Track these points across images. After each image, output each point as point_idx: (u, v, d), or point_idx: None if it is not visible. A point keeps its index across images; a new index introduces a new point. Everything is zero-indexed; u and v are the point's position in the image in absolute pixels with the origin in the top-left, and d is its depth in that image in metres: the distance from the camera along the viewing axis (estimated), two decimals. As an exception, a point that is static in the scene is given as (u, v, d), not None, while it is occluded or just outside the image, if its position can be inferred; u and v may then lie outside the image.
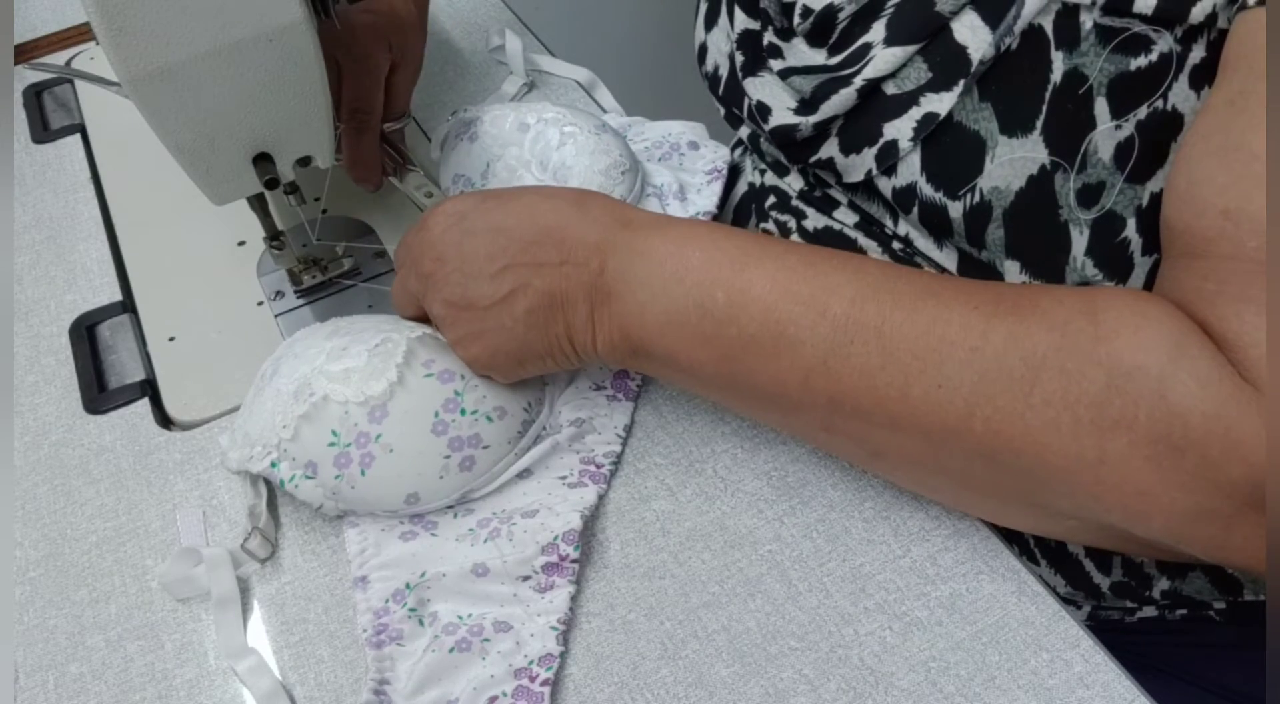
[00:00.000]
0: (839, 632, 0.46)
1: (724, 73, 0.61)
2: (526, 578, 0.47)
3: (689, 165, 0.63)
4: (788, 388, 0.43)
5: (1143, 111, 0.44)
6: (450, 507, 0.50)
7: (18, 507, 0.53)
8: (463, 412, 0.49)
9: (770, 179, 0.60)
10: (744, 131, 0.63)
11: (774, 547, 0.49)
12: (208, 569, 0.49)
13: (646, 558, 0.49)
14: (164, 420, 0.57)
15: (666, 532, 0.50)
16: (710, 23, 0.62)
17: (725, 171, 0.62)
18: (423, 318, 0.52)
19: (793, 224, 0.59)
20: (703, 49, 0.64)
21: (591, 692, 0.45)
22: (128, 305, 0.63)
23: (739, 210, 0.69)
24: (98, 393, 0.58)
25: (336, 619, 0.48)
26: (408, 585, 0.47)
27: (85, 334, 0.62)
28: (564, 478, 0.51)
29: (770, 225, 0.60)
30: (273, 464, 0.48)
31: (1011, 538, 0.56)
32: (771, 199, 0.60)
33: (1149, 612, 0.58)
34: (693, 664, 0.45)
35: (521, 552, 0.47)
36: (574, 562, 0.47)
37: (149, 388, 0.58)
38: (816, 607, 0.47)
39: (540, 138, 0.59)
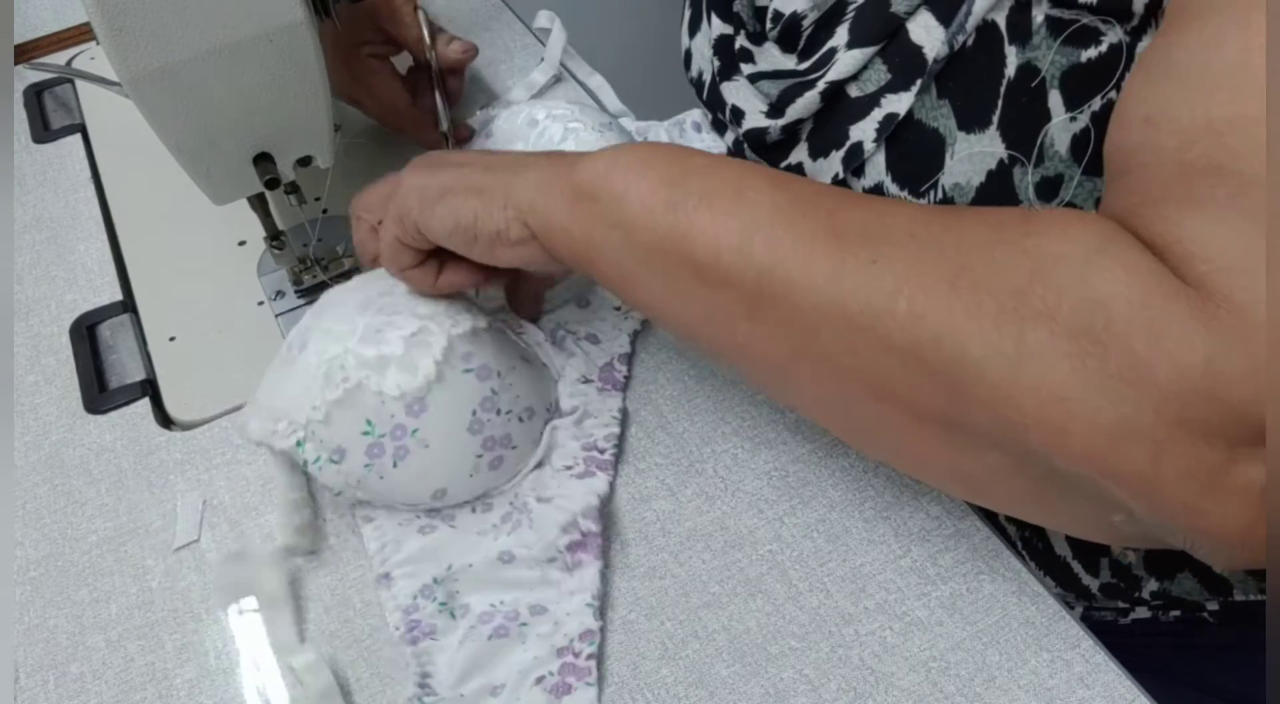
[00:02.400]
0: (839, 632, 0.46)
1: (707, 78, 0.61)
2: (553, 560, 0.47)
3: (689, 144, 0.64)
4: (721, 253, 0.40)
5: (1096, 103, 0.44)
6: (468, 501, 0.50)
7: (18, 507, 0.53)
8: (498, 411, 0.48)
9: None
10: (729, 137, 0.63)
11: (774, 547, 0.49)
12: (259, 567, 0.48)
13: (646, 558, 0.49)
14: (164, 420, 0.57)
15: (666, 532, 0.50)
16: (694, 28, 0.63)
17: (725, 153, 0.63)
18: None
19: None
20: (688, 55, 0.64)
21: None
22: (128, 305, 0.63)
23: None
24: (98, 393, 0.58)
25: (377, 614, 0.48)
26: (435, 580, 0.47)
27: (86, 334, 0.62)
28: (570, 468, 0.51)
29: None
30: (299, 443, 0.47)
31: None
32: None
33: (1142, 613, 0.58)
34: (693, 664, 0.45)
35: (544, 536, 0.48)
36: (598, 537, 0.47)
37: (149, 388, 0.58)
38: (817, 607, 0.47)
39: (545, 133, 0.59)
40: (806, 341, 0.40)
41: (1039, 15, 0.44)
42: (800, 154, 0.53)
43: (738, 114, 0.56)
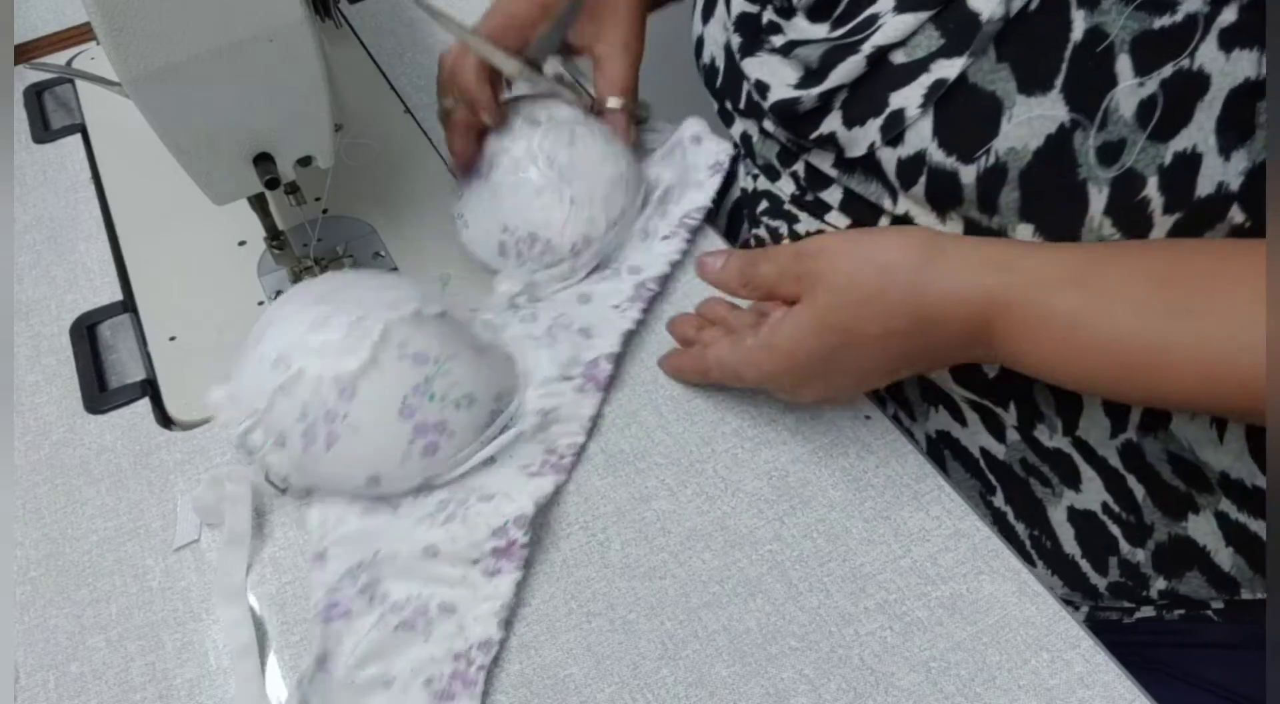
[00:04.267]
0: (839, 632, 0.46)
1: (720, 63, 0.61)
2: (476, 561, 0.48)
3: (691, 160, 0.63)
4: None
5: (1168, 70, 0.43)
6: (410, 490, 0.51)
7: (18, 507, 0.53)
8: (431, 397, 0.48)
9: (763, 184, 0.60)
10: (737, 129, 0.63)
11: (774, 547, 0.49)
12: (230, 503, 0.50)
13: (647, 558, 0.49)
14: (164, 420, 0.57)
15: (667, 531, 0.50)
16: (707, 15, 0.62)
17: (727, 164, 0.62)
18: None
19: (784, 229, 0.58)
20: (700, 42, 0.63)
21: (592, 692, 0.45)
22: (128, 305, 0.63)
23: (731, 217, 0.69)
24: (98, 392, 0.58)
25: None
26: (361, 564, 0.48)
27: (86, 334, 0.62)
28: (526, 467, 0.51)
29: (762, 231, 0.60)
30: (247, 432, 0.49)
31: (1007, 539, 0.56)
32: (764, 204, 0.60)
33: (1147, 612, 0.58)
34: (693, 664, 0.45)
35: (472, 534, 0.48)
36: (523, 547, 0.48)
37: (149, 388, 0.58)
38: (817, 607, 0.47)
39: (549, 134, 0.59)
40: None
41: None
42: (833, 123, 0.52)
43: (762, 87, 0.55)
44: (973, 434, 0.56)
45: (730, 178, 0.66)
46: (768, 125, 0.58)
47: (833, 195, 0.55)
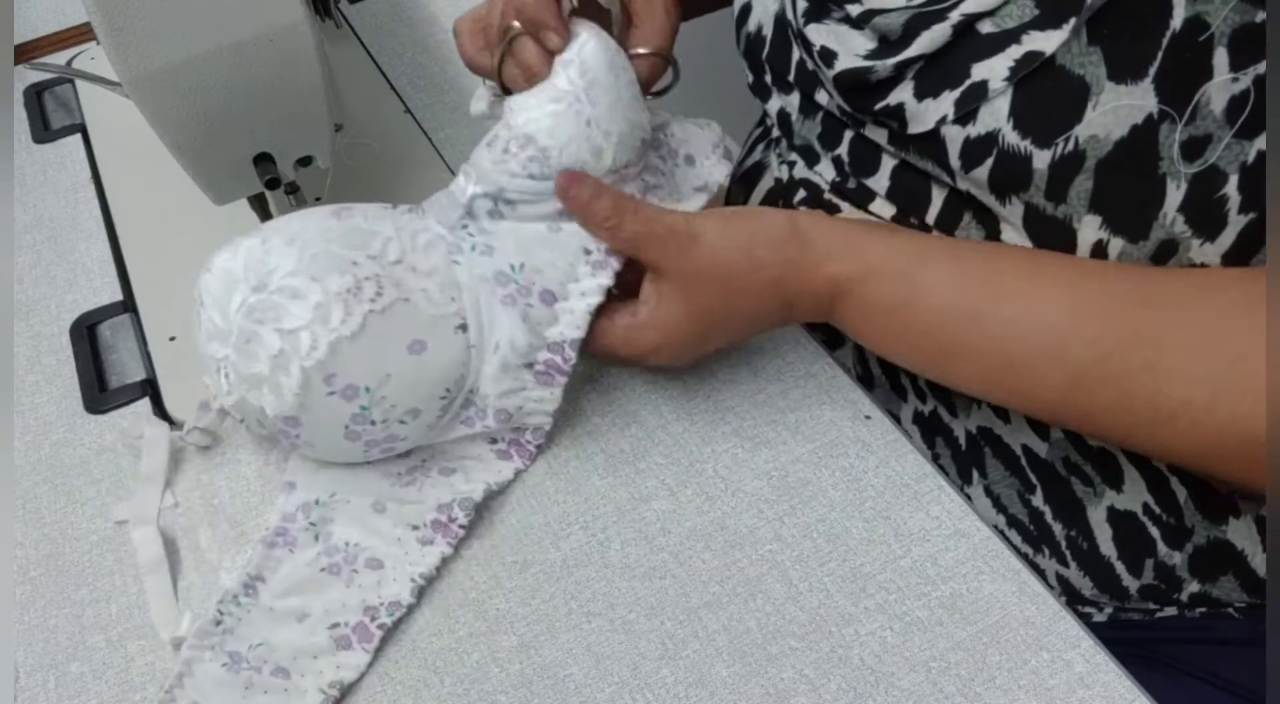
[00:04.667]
0: (839, 632, 0.46)
1: (769, 32, 0.59)
2: (415, 528, 0.50)
3: (680, 177, 0.55)
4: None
5: (1262, 66, 0.42)
6: None
7: (18, 507, 0.53)
8: (372, 423, 0.48)
9: (800, 171, 0.59)
10: (774, 105, 0.60)
11: (774, 547, 0.49)
12: (147, 444, 0.53)
13: (647, 558, 0.49)
14: (165, 420, 0.57)
15: (667, 531, 0.50)
16: None
17: (716, 185, 0.55)
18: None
19: None
20: (745, 9, 0.62)
21: (592, 692, 0.45)
22: (128, 305, 0.63)
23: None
24: (98, 392, 0.58)
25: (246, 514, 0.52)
26: (318, 501, 0.51)
27: (86, 334, 0.62)
28: (495, 443, 0.52)
29: None
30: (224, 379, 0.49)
31: (1042, 540, 0.56)
32: (801, 194, 0.59)
33: (1169, 611, 0.57)
34: (693, 664, 0.45)
35: (421, 503, 0.50)
36: (461, 527, 0.50)
37: (150, 387, 0.58)
38: (817, 607, 0.47)
39: (598, 51, 0.50)
40: None
41: None
42: (903, 93, 0.50)
43: (828, 55, 0.53)
44: (1015, 431, 0.55)
45: (761, 168, 0.64)
46: (820, 97, 0.56)
47: (879, 182, 0.54)
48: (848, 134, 0.55)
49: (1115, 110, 0.44)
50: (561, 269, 0.50)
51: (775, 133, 0.62)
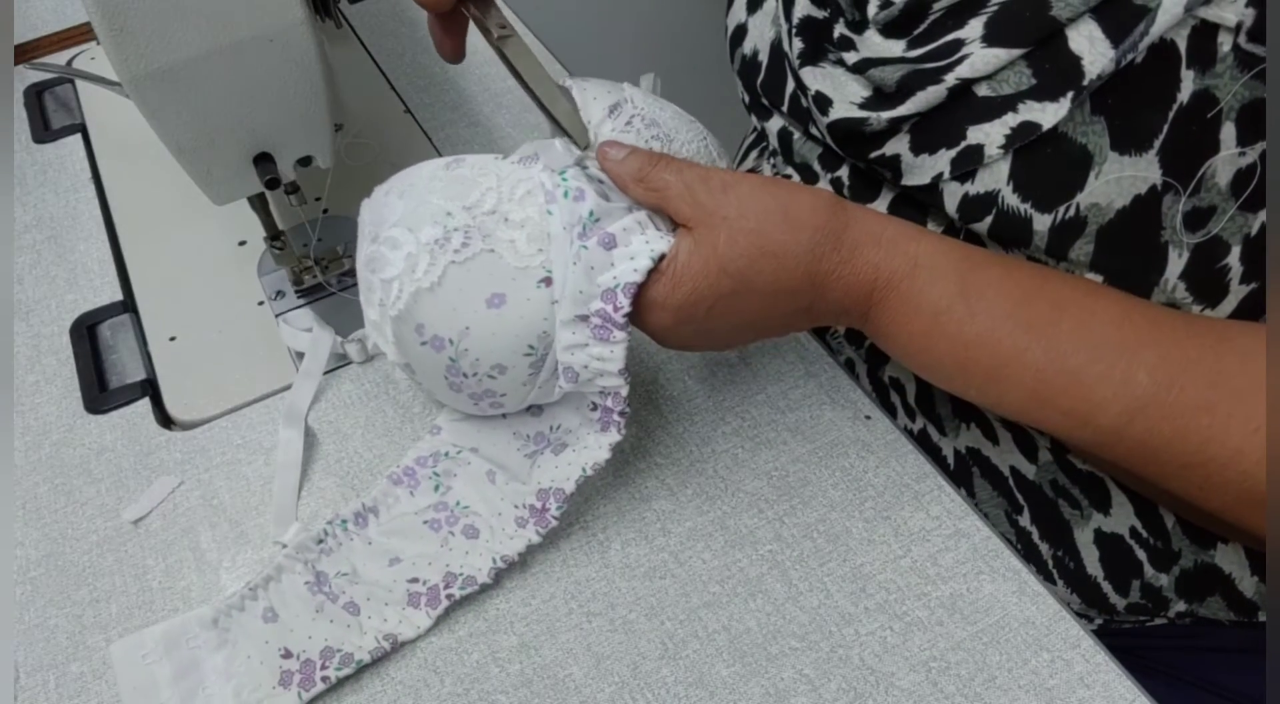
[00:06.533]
0: (839, 632, 0.46)
1: (764, 58, 0.58)
2: (516, 507, 0.50)
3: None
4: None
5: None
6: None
7: (18, 507, 0.53)
8: (465, 375, 0.47)
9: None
10: (773, 125, 0.59)
11: (774, 546, 0.49)
12: (311, 343, 0.57)
13: (647, 558, 0.49)
14: (165, 420, 0.57)
15: (667, 531, 0.50)
16: (754, 6, 0.60)
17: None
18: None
19: None
20: (740, 31, 0.60)
21: (592, 692, 0.45)
22: (128, 305, 0.63)
23: None
24: (98, 392, 0.58)
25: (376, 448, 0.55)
26: (446, 453, 0.52)
27: (86, 334, 0.62)
28: (594, 410, 0.49)
29: None
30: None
31: (1029, 560, 0.55)
32: None
33: (1159, 621, 0.57)
34: (693, 664, 0.45)
35: (526, 484, 0.51)
36: (554, 517, 0.49)
37: (150, 387, 0.58)
38: (817, 607, 0.47)
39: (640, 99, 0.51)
40: None
41: (1226, 43, 0.41)
42: (898, 146, 0.49)
43: (822, 101, 0.52)
44: (1004, 453, 0.55)
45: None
46: (815, 131, 0.55)
47: (879, 207, 0.53)
48: (846, 166, 0.55)
49: (1119, 180, 0.44)
50: (627, 225, 0.47)
51: (774, 145, 0.61)
